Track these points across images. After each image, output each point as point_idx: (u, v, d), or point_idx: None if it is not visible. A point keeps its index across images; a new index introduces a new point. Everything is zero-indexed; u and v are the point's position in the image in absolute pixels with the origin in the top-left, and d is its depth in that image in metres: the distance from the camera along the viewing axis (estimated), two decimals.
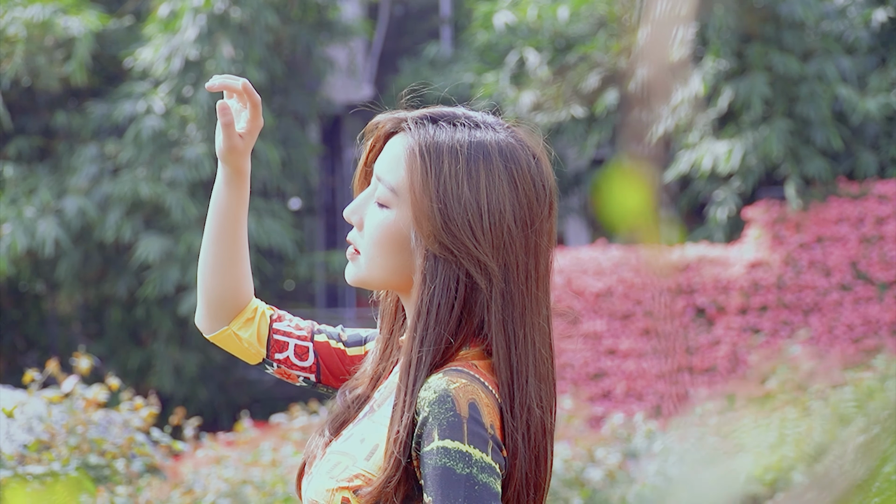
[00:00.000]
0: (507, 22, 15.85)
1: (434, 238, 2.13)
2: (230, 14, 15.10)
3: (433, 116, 2.21)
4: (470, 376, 2.08)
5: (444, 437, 2.02)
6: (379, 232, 2.17)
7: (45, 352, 16.11)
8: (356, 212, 2.21)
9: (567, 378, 13.63)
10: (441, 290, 2.13)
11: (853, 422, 7.82)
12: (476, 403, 2.06)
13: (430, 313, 2.13)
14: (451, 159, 2.16)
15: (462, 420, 2.03)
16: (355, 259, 2.21)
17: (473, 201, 2.14)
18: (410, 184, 2.15)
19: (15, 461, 5.13)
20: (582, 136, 15.42)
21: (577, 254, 14.04)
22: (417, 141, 2.17)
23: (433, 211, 2.13)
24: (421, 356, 2.11)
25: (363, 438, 2.15)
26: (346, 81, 18.10)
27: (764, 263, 13.59)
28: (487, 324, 2.14)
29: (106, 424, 5.69)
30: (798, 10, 13.69)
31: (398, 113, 2.23)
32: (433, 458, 2.02)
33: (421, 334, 2.12)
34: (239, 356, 2.41)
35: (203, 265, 2.38)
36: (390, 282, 2.20)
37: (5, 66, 15.07)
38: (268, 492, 7.10)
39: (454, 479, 2.01)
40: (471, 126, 2.21)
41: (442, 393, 2.05)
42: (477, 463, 2.02)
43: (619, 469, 8.25)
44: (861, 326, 13.38)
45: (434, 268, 2.14)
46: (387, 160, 2.19)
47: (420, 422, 2.05)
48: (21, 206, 14.58)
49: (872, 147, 14.26)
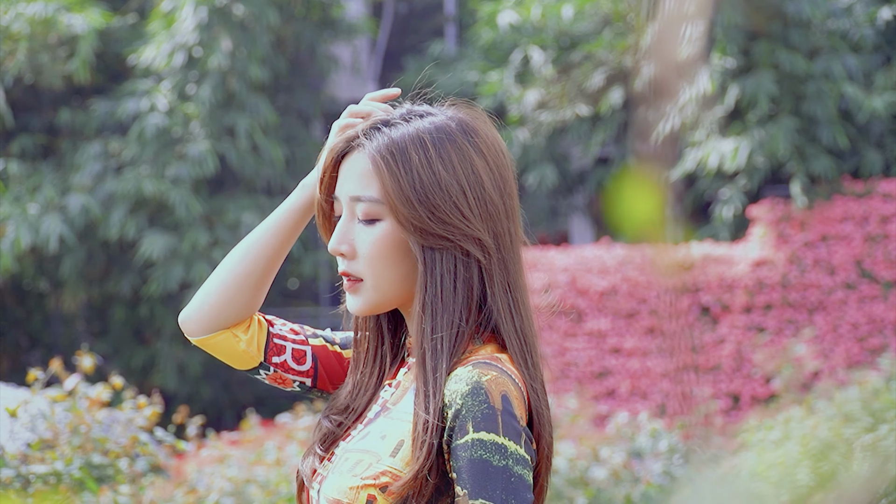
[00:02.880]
0: (511, 21, 15.83)
1: (426, 232, 2.14)
2: (231, 10, 15.09)
3: (381, 122, 2.21)
4: (499, 369, 2.09)
5: (480, 430, 2.03)
6: (378, 248, 2.16)
7: (49, 350, 16.10)
8: (343, 241, 2.18)
9: (571, 377, 13.62)
10: (445, 277, 2.15)
11: (859, 421, 7.80)
12: (508, 396, 2.07)
13: (437, 301, 2.14)
14: (417, 150, 2.16)
15: (496, 412, 2.05)
16: (357, 287, 2.18)
17: (453, 182, 2.16)
18: (388, 188, 2.14)
19: (18, 460, 5.12)
20: (586, 134, 15.40)
21: (581, 252, 14.02)
22: (378, 147, 2.16)
23: (417, 206, 2.13)
24: (436, 343, 2.12)
25: (384, 435, 2.14)
26: (351, 79, 18.09)
27: (768, 262, 13.57)
28: (491, 295, 2.18)
29: (109, 423, 5.68)
30: (805, 8, 13.67)
31: (341, 137, 2.21)
32: (468, 450, 2.03)
33: (432, 323, 2.13)
34: (229, 361, 2.34)
35: (232, 276, 2.30)
36: (401, 295, 2.19)
37: (8, 63, 15.06)
38: (272, 491, 7.09)
39: (491, 472, 2.02)
40: (420, 116, 2.21)
41: (475, 385, 2.06)
42: (512, 455, 2.03)
43: (624, 468, 8.23)
44: (866, 325, 13.36)
45: (433, 259, 2.15)
46: (354, 179, 2.17)
47: (452, 414, 2.06)
48: (25, 204, 14.57)
49: (878, 145, 14.24)
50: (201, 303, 2.32)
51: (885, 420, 7.61)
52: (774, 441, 8.53)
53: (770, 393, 13.07)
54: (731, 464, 8.26)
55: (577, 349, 13.67)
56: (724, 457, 9.21)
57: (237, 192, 15.56)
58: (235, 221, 15.02)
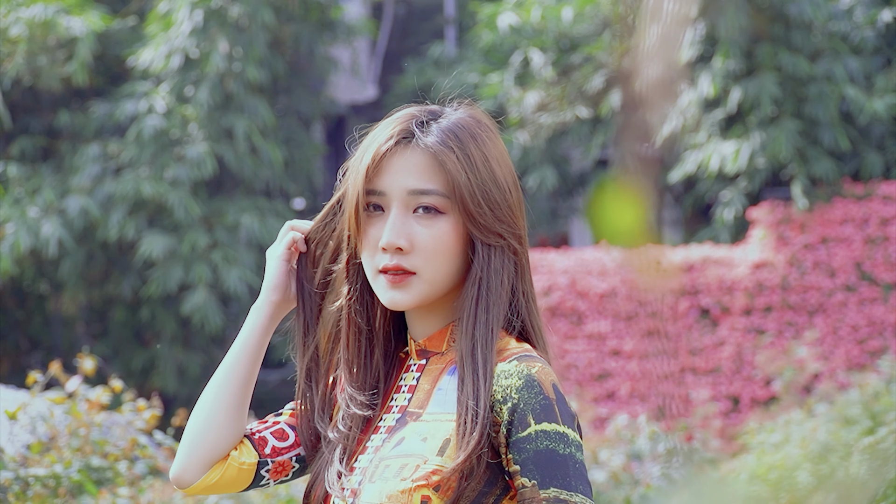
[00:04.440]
0: (511, 23, 15.83)
1: (487, 228, 2.17)
2: (227, 10, 15.09)
3: (426, 117, 2.22)
4: (541, 360, 2.14)
5: (541, 421, 2.08)
6: (441, 242, 2.17)
7: (49, 352, 16.10)
8: (401, 235, 2.17)
9: (571, 378, 13.61)
10: (498, 272, 2.18)
11: (858, 424, 7.80)
12: (556, 384, 2.12)
13: (492, 296, 2.17)
14: (475, 147, 2.19)
15: (552, 402, 2.09)
16: (409, 281, 2.17)
17: (504, 179, 2.20)
18: (456, 183, 2.16)
19: (17, 463, 5.12)
20: (587, 136, 15.40)
21: (581, 254, 14.02)
22: (439, 141, 2.18)
23: (483, 202, 2.16)
24: (487, 336, 2.14)
25: (424, 437, 2.15)
26: (351, 81, 18.09)
27: (768, 264, 13.57)
28: (521, 290, 2.22)
29: (109, 426, 5.68)
30: (807, 10, 13.66)
31: (388, 130, 2.21)
32: (533, 442, 2.07)
33: (486, 316, 2.15)
34: (231, 488, 2.32)
35: (213, 414, 2.30)
36: (446, 289, 2.21)
37: (7, 65, 15.05)
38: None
39: (559, 460, 2.06)
40: (449, 113, 2.24)
41: (527, 378, 2.10)
42: (573, 442, 2.08)
43: (623, 471, 8.23)
44: (866, 327, 13.36)
45: (489, 255, 2.18)
46: (411, 172, 2.17)
47: (509, 409, 2.09)
48: (24, 206, 14.57)
49: (878, 147, 14.24)
50: (190, 449, 2.30)
51: (885, 422, 7.60)
52: (774, 443, 8.53)
53: (770, 395, 13.06)
54: (730, 466, 8.26)
55: (577, 351, 13.67)
56: (722, 459, 9.20)
57: (236, 194, 15.55)
58: (234, 223, 15.01)
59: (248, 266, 14.89)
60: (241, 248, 15.11)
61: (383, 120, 2.25)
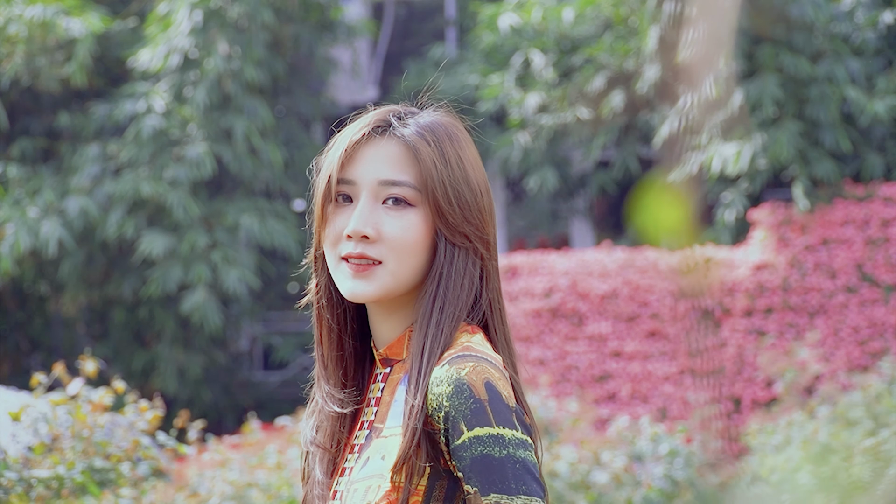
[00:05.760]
0: (512, 24, 15.83)
1: (454, 228, 2.14)
2: (227, 11, 15.08)
3: (402, 112, 2.21)
4: (474, 357, 2.08)
5: (473, 427, 2.03)
6: (409, 233, 2.14)
7: (50, 353, 16.09)
8: (368, 223, 2.14)
9: (572, 380, 13.61)
10: (459, 273, 2.15)
11: (860, 425, 7.80)
12: (490, 381, 2.05)
13: (448, 296, 2.14)
14: (450, 145, 2.17)
15: (484, 403, 2.03)
16: (373, 271, 2.14)
17: (476, 182, 2.17)
18: (428, 176, 2.14)
19: (20, 464, 5.12)
20: (587, 138, 15.40)
21: (582, 256, 14.01)
22: (416, 133, 2.16)
23: (453, 200, 2.14)
24: (436, 337, 2.11)
25: (384, 455, 2.13)
26: (351, 82, 18.08)
27: (769, 265, 13.57)
28: (486, 298, 2.18)
29: (111, 427, 5.68)
30: (808, 11, 13.66)
31: (364, 121, 2.20)
32: (468, 449, 2.02)
33: (438, 317, 2.12)
34: None
35: None
36: (409, 285, 2.17)
37: (5, 66, 15.05)
38: (273, 494, 7.08)
39: (495, 465, 2.01)
40: (427, 113, 2.22)
41: (456, 383, 2.04)
42: (510, 442, 2.02)
43: (625, 472, 8.23)
44: (867, 329, 13.35)
45: (453, 255, 2.15)
46: (384, 163, 2.15)
47: (443, 418, 2.05)
48: (24, 207, 14.57)
49: (879, 149, 14.24)
50: None
51: (887, 424, 7.61)
52: (776, 445, 8.53)
53: (771, 396, 13.06)
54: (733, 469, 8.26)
55: (578, 353, 13.66)
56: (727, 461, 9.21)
57: (235, 195, 15.55)
58: (234, 224, 15.01)
59: (247, 266, 14.89)
60: (240, 249, 15.11)
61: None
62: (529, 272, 13.71)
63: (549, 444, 8.51)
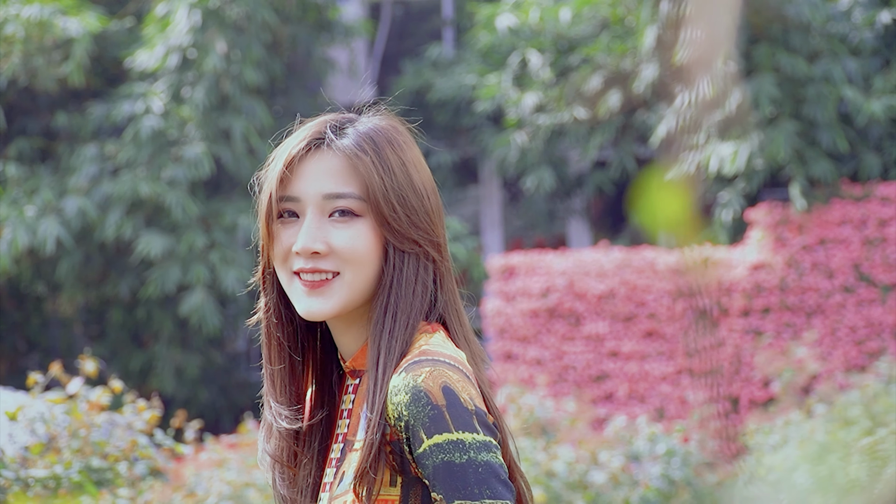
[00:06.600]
0: (509, 24, 15.83)
1: (401, 234, 2.12)
2: (226, 11, 15.08)
3: (340, 122, 2.21)
4: (431, 361, 2.05)
5: (432, 434, 2.00)
6: (358, 244, 2.12)
7: (47, 354, 16.09)
8: (317, 239, 2.13)
9: (569, 380, 13.61)
10: (410, 280, 2.13)
11: (857, 424, 7.80)
12: (448, 385, 2.03)
13: (400, 304, 2.12)
14: (392, 151, 2.15)
15: (441, 409, 2.01)
16: (329, 286, 2.13)
17: (422, 185, 2.15)
18: (371, 186, 2.12)
19: (17, 464, 5.11)
20: (584, 138, 15.40)
21: (579, 256, 14.02)
22: (354, 144, 2.15)
23: (398, 207, 2.12)
24: (391, 345, 2.09)
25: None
26: (348, 82, 18.08)
27: (766, 265, 13.57)
28: (442, 302, 2.16)
29: (109, 427, 5.67)
30: (805, 10, 13.67)
31: (301, 135, 2.22)
32: (429, 457, 2.00)
33: (391, 325, 2.10)
34: None
35: None
36: (367, 294, 2.15)
37: (3, 66, 15.04)
38: (270, 494, 7.08)
39: (457, 471, 1.99)
40: (365, 120, 2.22)
41: (413, 391, 2.02)
42: (471, 446, 2.00)
43: (623, 472, 8.23)
44: (864, 329, 13.36)
45: (402, 262, 2.13)
46: (326, 176, 2.14)
47: (403, 427, 2.03)
48: (22, 206, 14.56)
49: (876, 149, 14.24)
50: None
51: (884, 423, 7.61)
52: (773, 444, 8.53)
53: (769, 396, 13.06)
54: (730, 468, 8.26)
55: (575, 353, 13.67)
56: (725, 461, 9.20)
57: (234, 195, 15.55)
58: (232, 224, 15.01)
59: (245, 267, 14.88)
60: (238, 249, 15.11)
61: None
62: (526, 272, 13.72)
63: (547, 444, 8.52)
